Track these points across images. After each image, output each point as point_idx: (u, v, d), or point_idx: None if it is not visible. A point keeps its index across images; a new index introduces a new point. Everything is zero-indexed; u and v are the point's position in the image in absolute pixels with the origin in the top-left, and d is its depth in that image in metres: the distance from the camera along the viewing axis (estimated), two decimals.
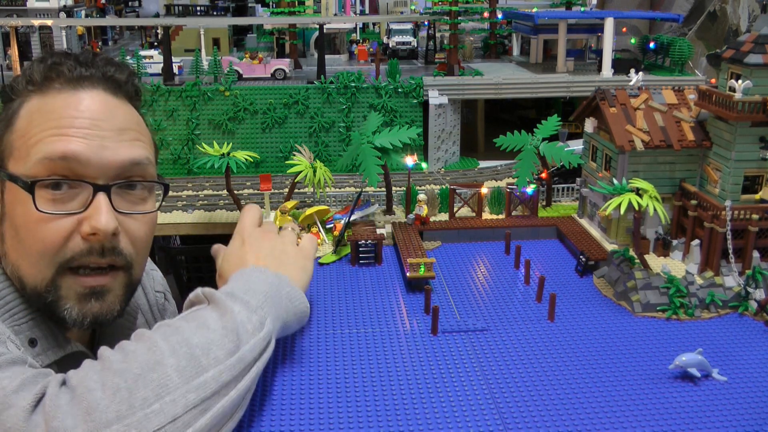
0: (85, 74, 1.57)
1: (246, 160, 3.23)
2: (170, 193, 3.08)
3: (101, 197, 1.51)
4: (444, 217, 3.23)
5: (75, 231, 1.50)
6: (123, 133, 1.57)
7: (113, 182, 1.54)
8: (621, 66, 5.47)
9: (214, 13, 7.39)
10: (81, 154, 1.48)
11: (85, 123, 1.51)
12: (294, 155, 3.33)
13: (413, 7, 7.67)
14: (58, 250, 1.50)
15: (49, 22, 5.71)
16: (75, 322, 1.54)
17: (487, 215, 3.25)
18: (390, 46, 6.68)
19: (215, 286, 1.71)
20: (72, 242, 1.50)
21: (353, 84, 5.06)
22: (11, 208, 1.52)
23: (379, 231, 2.95)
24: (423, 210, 3.06)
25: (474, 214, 3.24)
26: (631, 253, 2.56)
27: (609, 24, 5.45)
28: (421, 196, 3.09)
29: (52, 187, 1.48)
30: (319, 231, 3.00)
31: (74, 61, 1.59)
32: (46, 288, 1.51)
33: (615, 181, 2.66)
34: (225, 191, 3.28)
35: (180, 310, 2.19)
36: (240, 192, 4.42)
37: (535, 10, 6.15)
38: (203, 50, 5.84)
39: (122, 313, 1.64)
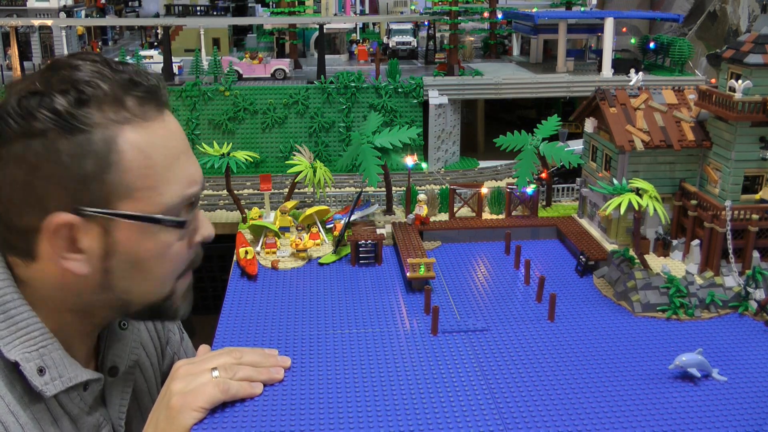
0: (162, 99, 1.57)
1: (246, 160, 3.23)
2: None
3: (199, 209, 1.63)
4: (444, 217, 3.23)
5: (187, 243, 1.61)
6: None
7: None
8: (621, 66, 5.47)
9: (214, 13, 7.38)
10: (201, 187, 1.60)
11: (187, 150, 1.60)
12: (294, 155, 3.33)
13: (413, 7, 7.66)
14: (182, 264, 1.62)
15: (49, 22, 5.70)
16: (183, 315, 1.68)
17: (487, 215, 3.25)
18: (390, 46, 6.67)
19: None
20: (187, 254, 1.62)
21: (353, 84, 5.06)
22: (132, 245, 1.52)
23: (379, 231, 2.95)
24: (423, 210, 3.06)
25: (474, 214, 3.24)
26: (631, 253, 2.56)
27: (609, 24, 5.44)
28: (421, 196, 3.09)
29: None
30: (319, 231, 3.00)
31: (146, 79, 1.52)
32: (165, 297, 1.62)
33: (615, 181, 2.66)
34: (225, 191, 3.28)
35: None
36: (240, 192, 4.42)
37: (535, 10, 6.14)
38: (203, 50, 5.83)
39: None
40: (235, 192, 3.37)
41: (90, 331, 1.71)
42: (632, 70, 3.43)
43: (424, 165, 4.75)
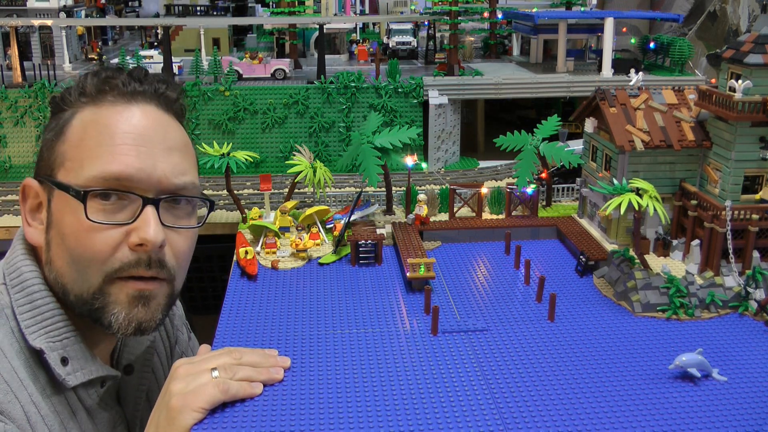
0: (138, 89, 1.60)
1: (246, 160, 3.23)
2: None
3: (150, 210, 1.55)
4: (444, 217, 3.23)
5: (123, 242, 1.54)
6: (173, 153, 1.61)
7: (162, 196, 1.58)
8: (621, 66, 5.46)
9: (214, 13, 7.36)
10: (134, 176, 1.53)
11: (139, 140, 1.55)
12: (294, 155, 3.33)
13: (413, 7, 7.65)
14: (107, 259, 1.53)
15: (49, 22, 5.70)
16: (120, 327, 1.57)
17: (487, 215, 3.25)
18: (390, 46, 6.67)
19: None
20: (120, 252, 1.54)
21: (353, 84, 5.05)
22: (59, 217, 1.55)
23: (379, 231, 2.95)
24: (423, 210, 3.06)
25: (474, 214, 3.24)
26: (631, 253, 2.56)
27: (609, 24, 5.44)
28: (421, 196, 3.09)
29: (102, 197, 1.53)
30: (319, 231, 3.00)
31: (128, 75, 1.63)
32: (93, 295, 1.55)
33: (615, 181, 2.66)
34: (225, 191, 3.28)
35: (185, 313, 2.23)
36: (240, 192, 4.41)
37: (535, 10, 6.14)
38: (203, 50, 5.82)
39: (162, 323, 1.69)
40: (235, 192, 3.37)
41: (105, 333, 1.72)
42: (632, 70, 3.43)
43: (424, 165, 4.75)
